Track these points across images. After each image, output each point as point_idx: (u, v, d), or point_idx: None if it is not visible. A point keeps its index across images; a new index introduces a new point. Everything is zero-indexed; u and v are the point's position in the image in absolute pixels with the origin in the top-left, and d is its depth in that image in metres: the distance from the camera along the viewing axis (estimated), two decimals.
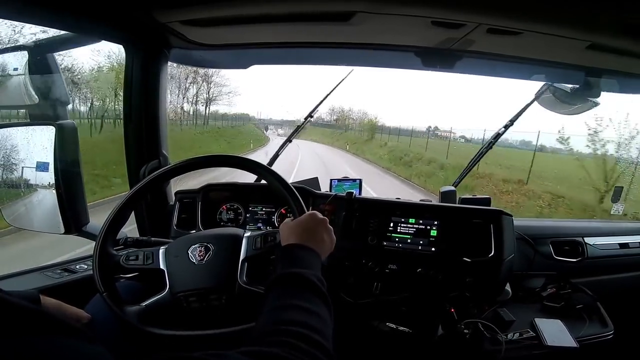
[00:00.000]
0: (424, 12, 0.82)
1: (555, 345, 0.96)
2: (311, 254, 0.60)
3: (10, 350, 0.24)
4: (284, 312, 0.45)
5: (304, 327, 0.42)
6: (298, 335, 0.40)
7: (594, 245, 1.29)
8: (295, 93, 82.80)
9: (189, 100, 18.76)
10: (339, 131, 34.65)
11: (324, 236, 0.67)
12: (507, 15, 0.82)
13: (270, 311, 0.46)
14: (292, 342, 0.38)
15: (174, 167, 0.84)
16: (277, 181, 0.82)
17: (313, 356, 0.38)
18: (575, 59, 1.03)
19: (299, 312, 0.45)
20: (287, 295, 0.49)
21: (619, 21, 0.79)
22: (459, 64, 1.09)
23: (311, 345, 0.39)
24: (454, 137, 18.82)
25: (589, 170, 6.61)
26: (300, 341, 0.39)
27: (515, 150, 12.35)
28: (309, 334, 0.41)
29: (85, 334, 0.28)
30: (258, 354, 0.34)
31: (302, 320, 0.43)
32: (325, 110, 42.32)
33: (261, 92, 77.65)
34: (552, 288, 1.20)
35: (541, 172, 8.67)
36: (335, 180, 1.38)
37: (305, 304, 0.47)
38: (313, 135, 33.95)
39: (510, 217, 1.07)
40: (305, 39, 1.05)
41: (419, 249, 1.07)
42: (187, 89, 18.70)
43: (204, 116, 20.90)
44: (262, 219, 1.29)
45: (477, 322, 0.98)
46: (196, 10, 0.88)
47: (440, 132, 21.88)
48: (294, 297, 0.48)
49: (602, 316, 1.09)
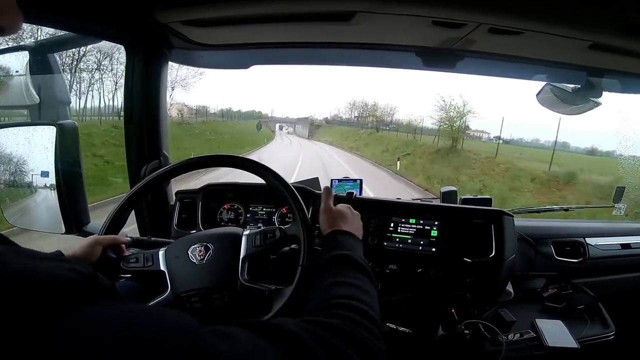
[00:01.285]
0: (425, 11, 0.81)
1: (556, 346, 0.95)
2: (352, 237, 0.66)
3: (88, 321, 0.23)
4: (336, 289, 0.49)
5: (356, 301, 0.45)
6: (352, 307, 0.43)
7: (595, 245, 1.29)
8: (314, 91, 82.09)
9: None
10: (366, 131, 24.05)
11: (357, 223, 0.74)
12: (509, 15, 0.81)
13: (323, 289, 0.50)
14: (348, 314, 0.41)
15: (174, 167, 0.85)
16: (277, 181, 0.82)
17: (366, 328, 0.41)
18: (577, 58, 1.03)
19: (350, 287, 0.49)
20: (336, 274, 0.53)
21: (621, 21, 0.79)
22: (460, 64, 1.09)
23: (364, 317, 0.42)
24: (488, 138, 16.27)
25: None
26: (354, 313, 0.42)
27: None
28: (361, 307, 0.44)
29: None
30: (319, 323, 0.37)
31: (354, 295, 0.47)
32: (343, 106, 37.82)
33: (276, 90, 77.26)
34: (554, 288, 1.19)
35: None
36: (335, 181, 1.38)
37: (354, 281, 0.51)
38: (327, 136, 26.64)
39: (512, 217, 1.07)
40: (306, 39, 1.05)
41: (420, 249, 1.07)
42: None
43: (205, 113, 20.71)
44: (263, 219, 1.29)
45: (478, 323, 0.98)
46: (197, 11, 0.88)
47: (471, 132, 17.63)
48: (343, 275, 0.52)
49: (603, 317, 1.09)
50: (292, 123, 38.81)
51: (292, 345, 0.27)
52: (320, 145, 24.22)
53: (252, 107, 52.27)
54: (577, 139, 10.48)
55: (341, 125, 31.46)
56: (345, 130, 27.89)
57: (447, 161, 11.58)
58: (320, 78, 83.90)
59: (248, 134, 20.91)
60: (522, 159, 10.89)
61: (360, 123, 29.29)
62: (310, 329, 0.32)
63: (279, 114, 40.60)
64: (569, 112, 1.24)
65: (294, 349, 0.27)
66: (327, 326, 0.37)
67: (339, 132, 27.46)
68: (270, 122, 36.34)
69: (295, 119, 40.44)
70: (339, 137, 25.60)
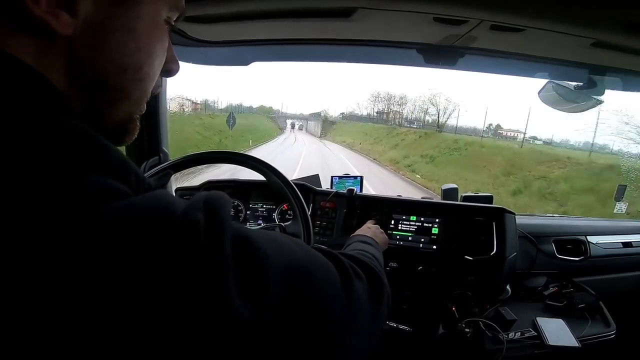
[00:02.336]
0: (426, 8, 0.81)
1: (557, 344, 0.95)
2: (372, 240, 0.75)
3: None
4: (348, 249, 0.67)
5: (364, 252, 0.61)
6: (363, 254, 0.59)
7: (597, 244, 1.28)
8: (328, 85, 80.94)
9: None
10: (404, 130, 17.10)
11: (383, 238, 0.88)
12: (511, 11, 0.81)
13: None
14: (360, 253, 0.58)
15: (174, 163, 0.84)
16: (278, 178, 0.82)
17: (373, 260, 0.55)
18: (579, 56, 1.02)
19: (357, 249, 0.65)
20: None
21: (624, 18, 0.78)
22: (461, 61, 1.08)
23: (372, 258, 0.58)
24: (524, 138, 14.66)
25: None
26: (364, 256, 0.57)
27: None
28: (369, 254, 0.60)
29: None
30: (344, 254, 0.48)
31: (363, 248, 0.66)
32: (361, 100, 33.77)
33: (287, 85, 76.49)
34: (555, 287, 1.19)
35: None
36: (336, 177, 1.38)
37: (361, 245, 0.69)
38: (345, 135, 20.95)
39: (513, 215, 1.06)
40: (306, 35, 1.04)
41: (420, 247, 1.06)
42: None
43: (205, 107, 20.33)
44: (263, 216, 1.29)
45: (479, 321, 0.98)
46: (196, 7, 0.88)
47: (504, 132, 16.22)
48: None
49: (604, 316, 1.08)
50: (304, 119, 36.43)
51: (341, 268, 0.37)
52: (332, 149, 16.78)
53: (263, 102, 51.28)
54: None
55: (361, 122, 26.27)
56: (369, 128, 21.82)
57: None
58: (333, 72, 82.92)
59: (246, 131, 18.87)
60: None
61: (384, 119, 24.31)
62: (346, 259, 0.42)
63: (292, 110, 39.56)
64: (571, 109, 1.24)
65: (342, 270, 0.37)
66: (347, 255, 0.49)
67: (359, 130, 21.89)
68: (280, 118, 34.76)
69: (307, 114, 38.16)
70: (360, 136, 20.30)
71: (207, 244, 0.23)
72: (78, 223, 0.20)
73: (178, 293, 0.21)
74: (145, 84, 0.32)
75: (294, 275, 0.29)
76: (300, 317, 0.28)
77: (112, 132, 0.32)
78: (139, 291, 0.20)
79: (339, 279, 0.36)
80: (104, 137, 0.26)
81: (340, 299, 0.35)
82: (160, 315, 0.20)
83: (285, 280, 0.28)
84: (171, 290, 0.21)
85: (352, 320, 0.36)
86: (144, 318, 0.20)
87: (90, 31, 0.27)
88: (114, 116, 0.31)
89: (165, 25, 0.33)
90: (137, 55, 0.30)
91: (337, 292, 0.35)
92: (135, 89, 0.31)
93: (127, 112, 0.32)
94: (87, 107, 0.29)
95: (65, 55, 0.27)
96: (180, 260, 0.22)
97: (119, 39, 0.28)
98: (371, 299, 0.42)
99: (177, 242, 0.22)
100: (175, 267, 0.21)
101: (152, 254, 0.21)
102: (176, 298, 0.21)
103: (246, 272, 0.25)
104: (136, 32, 0.29)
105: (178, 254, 0.22)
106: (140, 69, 0.31)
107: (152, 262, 0.21)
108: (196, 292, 0.21)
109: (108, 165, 0.25)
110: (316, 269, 0.33)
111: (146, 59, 0.31)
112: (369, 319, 0.41)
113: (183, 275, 0.21)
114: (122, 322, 0.19)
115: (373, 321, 0.43)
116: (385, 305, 0.47)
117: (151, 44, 0.31)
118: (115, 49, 0.29)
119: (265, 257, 0.27)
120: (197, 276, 0.22)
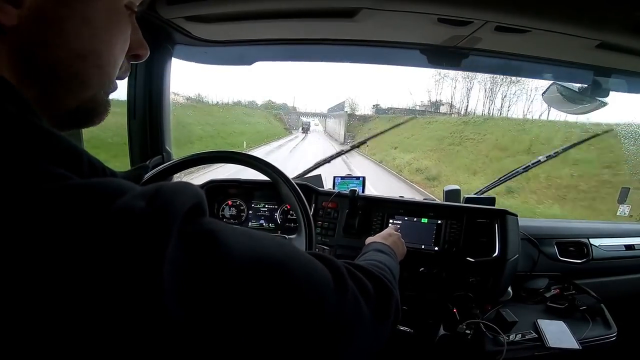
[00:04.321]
0: (430, 9, 0.80)
1: (557, 346, 0.95)
2: (389, 248, 0.73)
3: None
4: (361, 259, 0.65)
5: (377, 261, 0.60)
6: (373, 264, 0.57)
7: (599, 246, 1.28)
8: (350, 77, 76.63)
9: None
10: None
11: (401, 247, 0.83)
12: (515, 13, 0.80)
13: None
14: (372, 264, 0.57)
15: (177, 162, 0.85)
16: (281, 178, 0.82)
17: (383, 271, 0.53)
18: (584, 58, 1.01)
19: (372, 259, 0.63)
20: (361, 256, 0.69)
21: (629, 20, 0.78)
22: (465, 62, 1.08)
23: (383, 267, 0.57)
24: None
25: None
26: (375, 266, 0.55)
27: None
28: (380, 263, 0.60)
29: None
30: (350, 263, 0.47)
31: (376, 258, 0.64)
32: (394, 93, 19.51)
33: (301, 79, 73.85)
34: (556, 289, 1.19)
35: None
36: (338, 178, 1.37)
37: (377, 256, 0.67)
38: (401, 150, 12.19)
39: (515, 216, 1.06)
40: (310, 35, 1.04)
41: (422, 248, 1.06)
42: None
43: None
44: (265, 216, 1.29)
45: (479, 323, 0.98)
46: (200, 7, 0.88)
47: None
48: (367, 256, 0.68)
49: (605, 318, 1.08)
50: (323, 116, 27.74)
51: (334, 269, 0.36)
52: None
53: (273, 98, 49.11)
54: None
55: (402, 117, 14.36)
56: (444, 126, 12.59)
57: None
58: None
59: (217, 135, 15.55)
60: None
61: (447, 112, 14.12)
62: (345, 264, 0.42)
63: (309, 108, 32.68)
64: (575, 111, 1.23)
65: (335, 272, 0.36)
66: (354, 265, 0.46)
67: (425, 135, 13.04)
68: (292, 116, 26.09)
69: (326, 110, 27.88)
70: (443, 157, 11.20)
71: (140, 234, 0.21)
72: (6, 205, 0.19)
73: (95, 283, 0.19)
74: (106, 70, 0.33)
75: (263, 270, 0.27)
76: (274, 315, 0.27)
77: (75, 115, 0.32)
78: (57, 274, 0.19)
79: (331, 279, 0.34)
80: (65, 122, 0.26)
81: (331, 301, 0.33)
82: (74, 303, 0.19)
83: (250, 276, 0.26)
84: (89, 278, 0.19)
85: (347, 325, 0.35)
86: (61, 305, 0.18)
87: (39, 21, 0.27)
88: (74, 101, 0.31)
89: (126, 11, 0.33)
90: (93, 42, 0.30)
91: (326, 293, 0.33)
92: (94, 74, 0.31)
93: (88, 97, 0.32)
94: (41, 94, 0.29)
95: (12, 45, 0.27)
96: (103, 249, 0.20)
97: (72, 27, 0.29)
98: (376, 310, 0.41)
99: (104, 229, 0.20)
100: (97, 256, 0.19)
101: (73, 240, 0.19)
102: (93, 289, 0.19)
103: (195, 269, 0.23)
104: (90, 20, 0.29)
105: (103, 242, 0.20)
106: (99, 56, 0.31)
107: (73, 248, 0.19)
108: (116, 286, 0.19)
109: (51, 152, 0.24)
110: (295, 266, 0.31)
111: (105, 46, 0.31)
112: (370, 331, 0.39)
113: (104, 266, 0.19)
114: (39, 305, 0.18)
115: (375, 334, 0.42)
116: (391, 321, 0.45)
117: (109, 31, 0.31)
118: (69, 37, 0.29)
119: (226, 254, 0.25)
120: (121, 269, 0.19)
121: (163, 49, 1.12)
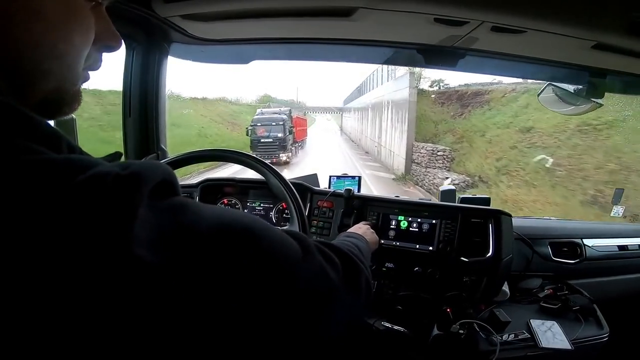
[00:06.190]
0: (427, 9, 0.80)
1: (549, 347, 0.96)
2: (362, 237, 0.74)
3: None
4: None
5: (349, 244, 0.61)
6: (346, 244, 0.59)
7: (592, 247, 1.29)
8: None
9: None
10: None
11: (373, 238, 0.87)
12: (511, 13, 0.80)
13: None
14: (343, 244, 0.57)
15: (172, 160, 0.84)
16: (276, 178, 0.82)
17: (354, 249, 0.56)
18: (580, 58, 1.02)
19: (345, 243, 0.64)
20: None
21: (625, 21, 0.78)
22: (461, 62, 1.08)
23: (353, 247, 0.59)
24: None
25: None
26: (347, 245, 0.59)
27: None
28: (353, 245, 0.61)
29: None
30: (321, 242, 0.48)
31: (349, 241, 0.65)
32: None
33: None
34: (549, 289, 1.19)
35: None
36: (334, 177, 1.38)
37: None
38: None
39: (510, 217, 1.07)
40: (306, 34, 1.04)
41: (417, 248, 1.07)
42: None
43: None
44: (260, 215, 1.29)
45: (473, 323, 0.98)
46: (197, 5, 0.87)
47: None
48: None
49: (598, 318, 1.09)
50: (338, 110, 21.01)
51: (302, 241, 0.38)
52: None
53: (269, 92, 46.86)
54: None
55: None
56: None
57: None
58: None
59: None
60: None
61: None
62: (315, 242, 0.43)
63: (318, 102, 29.45)
64: (570, 112, 1.24)
65: (303, 244, 0.37)
66: (323, 242, 0.48)
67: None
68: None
69: (342, 103, 19.76)
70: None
71: (113, 194, 0.22)
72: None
73: (71, 237, 0.21)
74: (67, 60, 0.33)
75: (234, 234, 0.29)
76: (246, 278, 0.28)
77: (44, 106, 0.33)
78: (37, 232, 0.20)
79: (300, 251, 0.36)
80: (36, 113, 0.26)
81: (301, 271, 0.35)
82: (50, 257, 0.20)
83: (220, 238, 0.28)
84: (66, 234, 0.21)
85: (318, 294, 0.37)
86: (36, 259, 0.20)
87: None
88: (39, 92, 0.32)
89: (85, 2, 0.33)
90: (47, 34, 0.30)
91: (296, 263, 0.35)
92: (54, 65, 0.32)
93: (52, 88, 0.33)
94: (9, 85, 0.29)
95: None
96: (81, 208, 0.21)
97: (22, 20, 0.29)
98: (345, 282, 0.43)
99: (81, 191, 0.22)
100: (75, 214, 0.21)
101: (52, 203, 0.21)
102: (70, 243, 0.21)
103: (167, 228, 0.25)
104: (41, 13, 0.29)
105: (79, 202, 0.21)
106: (55, 47, 0.31)
107: (51, 210, 0.21)
108: (90, 239, 0.21)
109: (33, 134, 0.25)
110: (265, 235, 0.32)
111: (61, 37, 0.31)
112: (342, 301, 0.41)
113: (81, 222, 0.21)
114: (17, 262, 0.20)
115: (348, 306, 0.43)
116: (363, 293, 0.47)
117: (64, 22, 0.31)
118: (21, 30, 0.29)
119: (197, 218, 0.27)
120: (97, 223, 0.21)
121: (159, 47, 1.12)
